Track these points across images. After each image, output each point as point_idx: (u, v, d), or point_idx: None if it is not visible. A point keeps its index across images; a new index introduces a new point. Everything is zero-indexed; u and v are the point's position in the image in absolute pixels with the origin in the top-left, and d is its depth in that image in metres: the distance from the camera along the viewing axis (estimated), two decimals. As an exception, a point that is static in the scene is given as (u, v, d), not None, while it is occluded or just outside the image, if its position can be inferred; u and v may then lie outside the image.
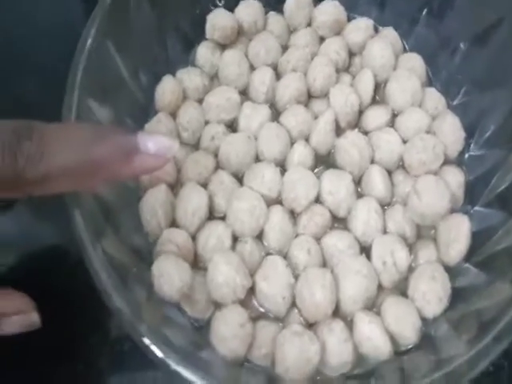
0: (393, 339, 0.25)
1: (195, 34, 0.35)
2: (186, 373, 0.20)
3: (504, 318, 0.21)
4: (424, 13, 0.34)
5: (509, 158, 0.28)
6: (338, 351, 0.24)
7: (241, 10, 0.34)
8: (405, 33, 0.35)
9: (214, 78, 0.34)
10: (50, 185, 0.20)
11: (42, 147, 0.19)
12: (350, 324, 0.25)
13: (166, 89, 0.31)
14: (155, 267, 0.24)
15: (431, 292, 0.25)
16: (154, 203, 0.27)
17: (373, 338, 0.24)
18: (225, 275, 0.24)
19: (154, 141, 0.22)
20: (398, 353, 0.25)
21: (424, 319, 0.25)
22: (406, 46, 0.35)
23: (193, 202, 0.27)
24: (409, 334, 0.24)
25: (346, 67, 0.34)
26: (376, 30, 0.35)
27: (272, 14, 0.36)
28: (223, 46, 0.34)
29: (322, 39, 0.35)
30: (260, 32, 0.34)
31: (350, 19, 0.35)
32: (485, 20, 0.30)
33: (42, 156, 0.19)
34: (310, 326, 0.25)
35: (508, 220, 0.26)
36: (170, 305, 0.25)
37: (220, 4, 0.35)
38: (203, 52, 0.34)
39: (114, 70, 0.29)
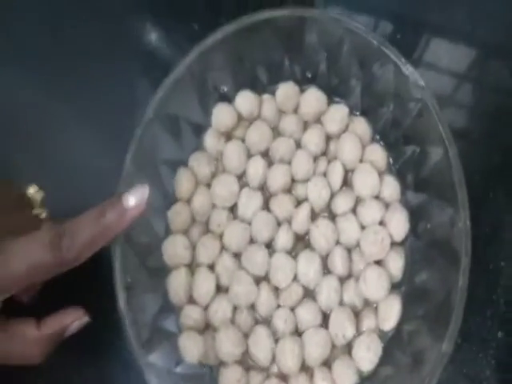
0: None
1: (204, 118, 0.43)
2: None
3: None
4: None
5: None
6: (302, 396, 0.37)
7: (240, 103, 0.42)
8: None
9: (219, 161, 0.43)
10: (82, 257, 0.31)
11: (72, 238, 0.30)
12: (312, 372, 0.38)
13: (183, 181, 0.41)
14: (180, 341, 0.37)
15: (366, 358, 0.37)
16: (176, 285, 0.38)
17: (324, 390, 0.37)
18: (227, 348, 0.36)
19: (134, 196, 0.32)
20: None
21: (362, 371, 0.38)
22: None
23: (205, 287, 0.38)
24: (348, 388, 0.37)
25: (323, 152, 0.42)
26: (351, 111, 0.43)
27: (266, 97, 0.43)
28: (226, 133, 0.43)
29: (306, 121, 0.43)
30: (256, 119, 0.42)
31: (331, 99, 0.43)
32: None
33: (74, 243, 0.30)
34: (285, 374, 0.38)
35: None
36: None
37: (222, 91, 0.43)
38: (209, 141, 0.42)
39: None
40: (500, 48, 0.48)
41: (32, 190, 0.36)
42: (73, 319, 0.34)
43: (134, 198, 0.32)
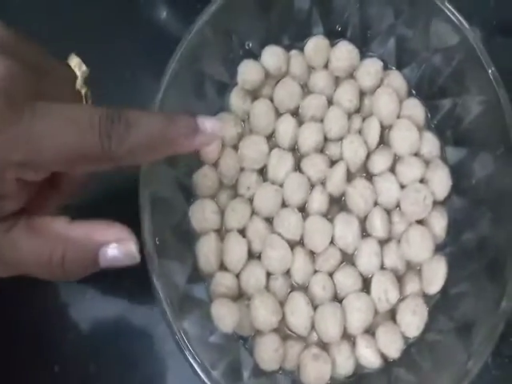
0: (382, 354, 0.35)
1: (228, 77, 0.40)
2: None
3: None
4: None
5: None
6: (344, 365, 0.34)
7: (266, 58, 0.39)
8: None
9: (246, 122, 0.40)
10: (133, 158, 0.26)
11: (128, 128, 0.24)
12: (353, 340, 0.35)
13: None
14: (213, 310, 0.34)
15: (412, 323, 0.35)
16: (206, 251, 0.36)
17: (368, 357, 0.34)
18: (263, 316, 0.34)
19: (210, 123, 0.29)
20: (387, 362, 0.35)
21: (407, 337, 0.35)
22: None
23: (236, 252, 0.36)
24: (393, 354, 0.34)
25: (357, 109, 0.40)
26: (386, 66, 0.41)
27: (294, 53, 0.41)
28: (253, 91, 0.40)
29: (337, 77, 0.40)
30: (284, 76, 0.40)
31: (363, 54, 0.41)
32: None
33: (128, 135, 0.24)
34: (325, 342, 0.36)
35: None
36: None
37: (248, 47, 0.40)
38: (235, 101, 0.40)
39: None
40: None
41: (73, 63, 0.29)
42: (114, 237, 0.26)
43: (209, 125, 0.29)
